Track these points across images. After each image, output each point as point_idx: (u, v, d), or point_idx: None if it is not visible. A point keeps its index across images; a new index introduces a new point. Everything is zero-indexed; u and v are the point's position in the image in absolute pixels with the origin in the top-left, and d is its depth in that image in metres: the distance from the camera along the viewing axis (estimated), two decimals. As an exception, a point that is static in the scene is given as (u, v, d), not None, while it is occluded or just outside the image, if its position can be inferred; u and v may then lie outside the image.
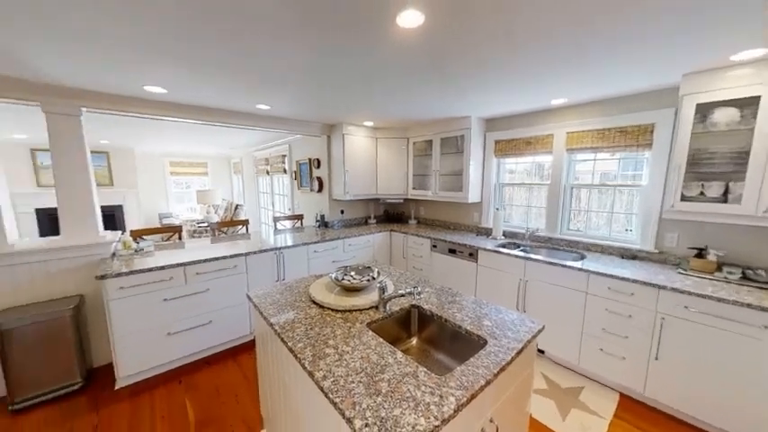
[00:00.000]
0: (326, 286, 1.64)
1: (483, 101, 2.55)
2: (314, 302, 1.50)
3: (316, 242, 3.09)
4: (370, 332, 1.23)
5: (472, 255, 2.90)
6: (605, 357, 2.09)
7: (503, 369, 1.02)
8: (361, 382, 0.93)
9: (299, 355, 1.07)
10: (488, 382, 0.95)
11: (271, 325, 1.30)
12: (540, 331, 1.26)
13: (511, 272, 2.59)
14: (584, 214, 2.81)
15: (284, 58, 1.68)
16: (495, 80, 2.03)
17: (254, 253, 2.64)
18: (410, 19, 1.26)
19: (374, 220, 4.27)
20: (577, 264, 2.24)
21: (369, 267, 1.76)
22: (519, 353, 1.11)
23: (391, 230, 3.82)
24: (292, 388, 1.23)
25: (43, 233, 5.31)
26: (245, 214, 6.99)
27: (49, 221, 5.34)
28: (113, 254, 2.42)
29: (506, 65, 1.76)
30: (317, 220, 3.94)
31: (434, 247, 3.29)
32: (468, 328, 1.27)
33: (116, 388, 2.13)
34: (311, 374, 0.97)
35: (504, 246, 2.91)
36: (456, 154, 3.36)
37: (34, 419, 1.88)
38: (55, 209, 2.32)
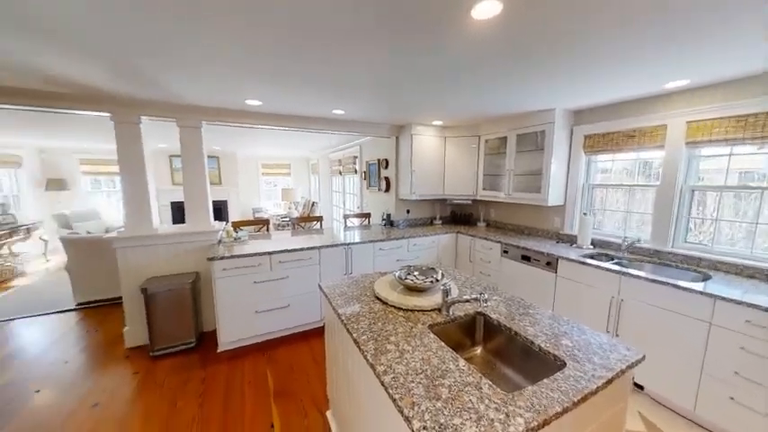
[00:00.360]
0: (390, 284, 1.68)
1: (571, 90, 2.24)
2: (378, 298, 1.55)
3: (382, 240, 3.19)
4: (432, 334, 1.21)
5: (550, 264, 2.59)
6: (737, 409, 1.62)
7: (585, 398, 0.89)
8: (420, 383, 0.93)
9: (362, 347, 1.12)
10: (565, 410, 0.84)
11: (338, 315, 1.40)
12: (638, 362, 1.05)
13: (600, 287, 2.23)
14: (712, 224, 2.22)
15: (358, 65, 1.77)
16: (587, 65, 1.77)
17: (327, 247, 2.87)
18: (486, 9, 1.18)
19: (440, 221, 4.19)
20: (698, 285, 1.80)
21: (433, 269, 1.73)
22: (608, 383, 0.95)
23: (458, 232, 3.69)
24: (355, 377, 1.29)
25: (175, 221, 6.77)
26: (320, 211, 7.66)
27: (178, 212, 6.79)
28: (219, 240, 2.94)
29: (605, 45, 1.51)
30: (383, 219, 4.06)
31: (505, 252, 3.05)
32: (542, 345, 1.14)
33: (218, 351, 2.59)
34: (373, 367, 1.01)
35: (592, 256, 2.52)
36: (534, 151, 3.04)
37: (164, 365, 2.42)
38: (182, 202, 2.94)
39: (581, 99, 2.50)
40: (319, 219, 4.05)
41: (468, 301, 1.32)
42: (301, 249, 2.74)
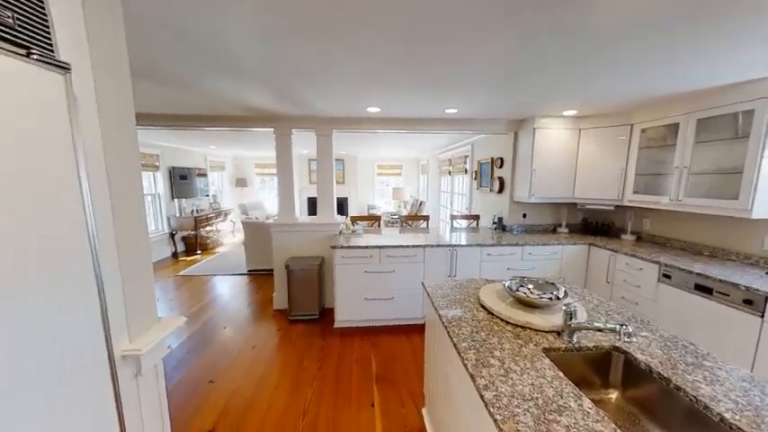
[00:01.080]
0: (498, 293, 1.54)
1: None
2: (482, 306, 1.46)
3: (490, 245, 2.97)
4: (547, 360, 1.04)
5: (752, 303, 1.79)
6: None
7: None
8: (528, 411, 0.82)
9: (462, 354, 1.08)
10: None
11: (439, 316, 1.39)
12: None
13: None
14: None
15: (478, 60, 1.70)
16: None
17: (431, 246, 2.89)
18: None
19: (566, 229, 3.54)
20: None
21: (552, 284, 1.49)
22: None
23: (590, 244, 3.03)
24: (453, 383, 1.26)
25: (309, 214, 8.28)
26: (427, 210, 7.77)
27: (311, 206, 8.26)
28: (340, 232, 3.40)
29: None
30: (493, 223, 3.76)
31: (666, 277, 2.30)
32: (727, 416, 0.81)
33: (334, 326, 3.01)
34: (473, 378, 0.96)
35: None
36: (730, 141, 2.16)
37: (297, 329, 3.00)
38: (315, 198, 3.57)
39: (838, 55, 1.60)
40: (426, 218, 4.12)
41: (600, 330, 1.07)
42: (408, 246, 2.86)
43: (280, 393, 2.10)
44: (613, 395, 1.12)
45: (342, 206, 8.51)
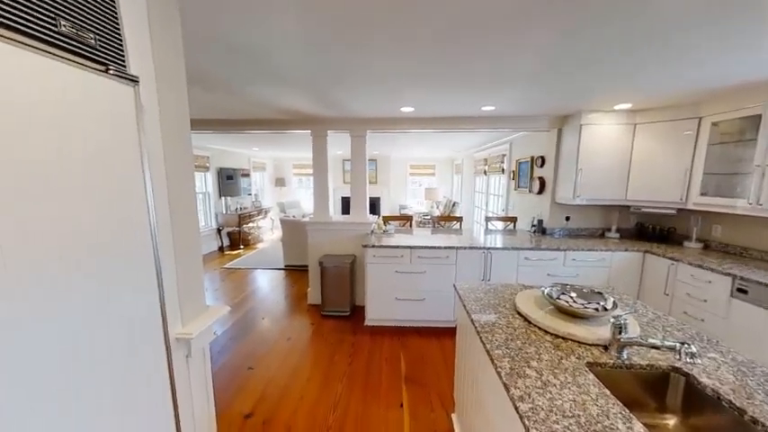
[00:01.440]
0: (536, 300, 1.46)
1: None
2: (518, 313, 1.38)
3: (529, 249, 2.81)
4: (591, 375, 0.96)
5: None
6: None
7: None
8: (569, 429, 0.76)
9: (496, 362, 1.03)
10: None
11: (471, 320, 1.34)
12: None
13: None
14: None
15: (520, 52, 1.62)
16: None
17: (464, 248, 2.81)
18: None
19: (616, 234, 3.24)
20: None
21: (599, 293, 1.37)
22: None
23: (646, 251, 2.74)
24: (485, 391, 1.21)
25: (342, 213, 8.49)
26: (461, 211, 7.56)
27: (344, 205, 8.45)
28: (372, 231, 3.44)
29: None
30: (532, 225, 3.55)
31: (741, 291, 2.01)
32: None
33: (364, 324, 3.06)
34: (506, 387, 0.91)
35: None
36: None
37: (329, 324, 3.10)
38: (349, 197, 3.65)
39: None
40: (459, 219, 4.01)
41: (657, 347, 0.96)
42: (439, 248, 2.81)
43: (311, 385, 2.18)
44: (671, 421, 1.00)
45: (374, 206, 8.60)
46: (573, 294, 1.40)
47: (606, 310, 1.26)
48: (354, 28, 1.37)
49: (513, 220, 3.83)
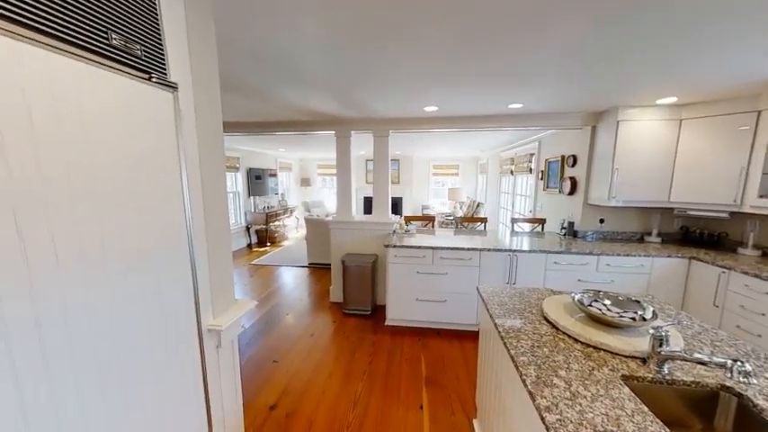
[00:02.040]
0: (565, 307, 1.38)
1: None
2: (546, 319, 1.32)
3: (558, 252, 2.67)
4: (626, 389, 0.90)
5: None
6: None
7: None
8: (600, 444, 0.71)
9: (521, 369, 0.99)
10: None
11: (495, 324, 1.30)
12: None
13: None
14: None
15: (549, 45, 1.55)
16: None
17: (488, 250, 2.73)
18: None
19: (657, 239, 3.00)
20: None
21: (637, 302, 1.28)
22: None
23: (692, 258, 2.51)
24: (508, 399, 1.17)
25: (365, 212, 8.56)
26: (485, 212, 7.36)
27: (367, 205, 8.52)
28: (394, 231, 3.44)
29: None
30: (562, 228, 3.38)
31: (808, 306, 1.78)
32: None
33: (385, 324, 3.07)
34: (532, 397, 0.88)
35: None
36: None
37: (350, 322, 3.14)
38: (371, 197, 3.67)
39: None
40: (483, 220, 3.91)
41: (703, 363, 0.88)
42: (463, 249, 2.75)
43: (333, 381, 2.22)
44: (720, 445, 0.91)
45: (396, 206, 8.59)
46: (607, 302, 1.32)
47: (645, 320, 1.17)
48: (383, 29, 1.38)
49: (542, 221, 3.66)
